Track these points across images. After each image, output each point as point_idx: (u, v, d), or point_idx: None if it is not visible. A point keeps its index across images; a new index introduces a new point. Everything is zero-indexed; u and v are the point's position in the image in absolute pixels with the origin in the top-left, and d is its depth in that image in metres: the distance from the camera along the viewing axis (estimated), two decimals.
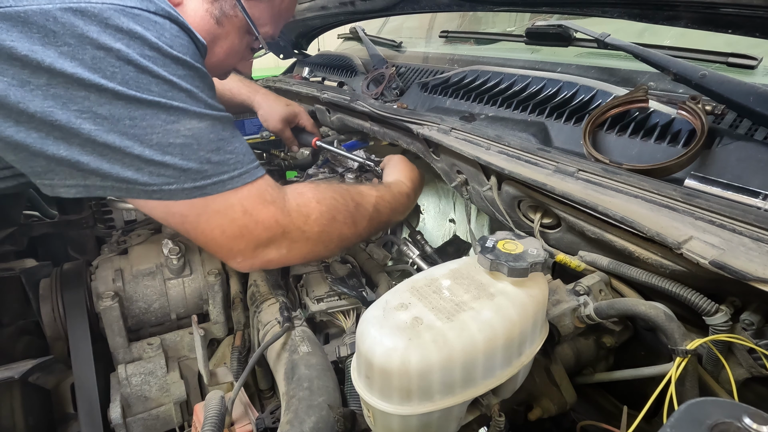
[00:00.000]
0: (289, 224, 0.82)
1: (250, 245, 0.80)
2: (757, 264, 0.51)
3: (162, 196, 0.71)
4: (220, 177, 0.74)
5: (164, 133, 0.68)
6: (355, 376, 0.56)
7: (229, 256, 0.83)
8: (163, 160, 0.68)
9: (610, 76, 0.99)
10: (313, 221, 0.84)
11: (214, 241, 0.80)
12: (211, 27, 0.84)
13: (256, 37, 0.91)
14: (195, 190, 0.72)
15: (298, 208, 0.84)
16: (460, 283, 0.57)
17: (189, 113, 0.71)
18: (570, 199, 0.69)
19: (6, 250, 1.45)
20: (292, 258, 0.87)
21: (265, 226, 0.80)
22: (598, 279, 0.73)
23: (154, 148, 0.67)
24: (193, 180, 0.71)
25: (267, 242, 0.81)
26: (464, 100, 1.19)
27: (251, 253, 0.82)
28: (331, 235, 0.87)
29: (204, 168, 0.72)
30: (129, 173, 0.67)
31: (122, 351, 1.19)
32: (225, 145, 0.75)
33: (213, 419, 0.76)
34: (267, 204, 0.79)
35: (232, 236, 0.79)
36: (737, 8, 0.68)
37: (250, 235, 0.79)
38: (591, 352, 0.76)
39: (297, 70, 2.20)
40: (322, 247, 0.88)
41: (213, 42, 0.86)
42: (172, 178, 0.70)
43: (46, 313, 1.18)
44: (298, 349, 0.90)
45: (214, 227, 0.77)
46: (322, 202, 0.87)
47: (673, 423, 0.35)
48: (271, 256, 0.84)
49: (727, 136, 0.72)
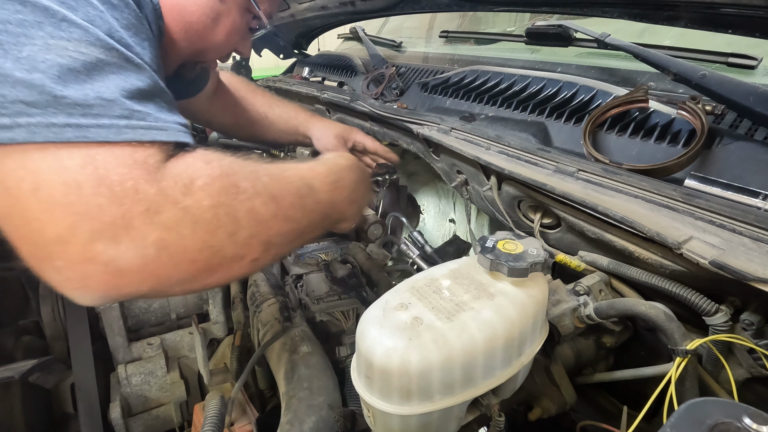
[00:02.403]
0: (159, 196, 0.50)
1: (80, 228, 0.47)
2: (757, 264, 0.51)
3: (16, 135, 0.46)
4: (114, 121, 0.50)
5: (43, 48, 0.48)
6: (355, 376, 0.56)
7: (40, 247, 0.49)
8: (28, 77, 0.46)
9: (610, 76, 0.99)
10: (200, 189, 0.53)
11: (18, 212, 0.48)
12: (214, 4, 0.83)
13: (255, 15, 0.91)
14: (68, 129, 0.47)
15: (177, 172, 0.53)
16: (460, 283, 0.57)
17: (89, 35, 0.51)
18: (570, 199, 0.69)
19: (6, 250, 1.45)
20: (169, 266, 0.51)
21: (112, 195, 0.48)
22: (598, 279, 0.73)
23: (20, 61, 0.46)
24: (68, 114, 0.48)
25: (113, 230, 0.48)
26: (464, 100, 1.19)
27: (81, 249, 0.47)
28: (235, 213, 0.55)
29: (89, 102, 0.49)
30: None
31: (122, 351, 1.19)
32: (133, 92, 0.53)
33: (213, 419, 0.76)
34: (130, 163, 0.50)
35: (47, 202, 0.47)
36: (737, 8, 0.68)
37: (81, 204, 0.47)
38: (591, 352, 0.76)
39: (297, 70, 2.20)
40: (224, 236, 0.54)
41: (216, 19, 0.85)
42: (35, 108, 0.47)
43: (46, 313, 1.18)
44: (298, 349, 0.90)
45: (26, 181, 0.47)
46: (213, 163, 0.56)
47: (673, 423, 0.35)
48: (125, 258, 0.48)
49: (727, 136, 0.72)
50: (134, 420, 1.13)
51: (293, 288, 1.17)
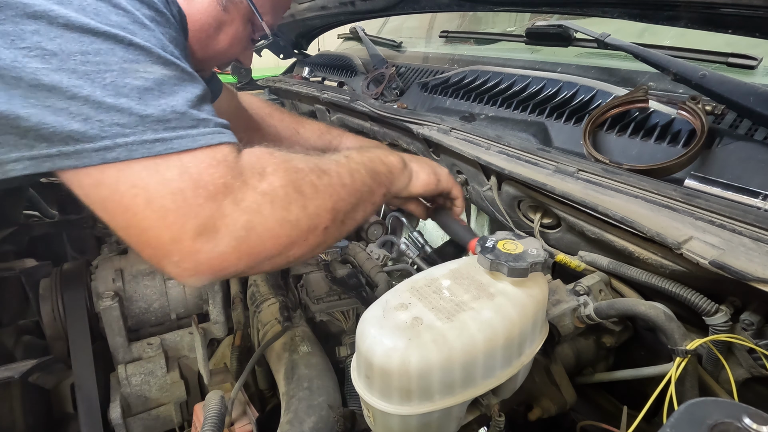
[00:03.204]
0: (242, 186, 0.60)
1: (188, 227, 0.57)
2: (757, 264, 0.51)
3: (119, 154, 0.56)
4: (189, 131, 0.59)
5: (120, 72, 0.56)
6: (355, 376, 0.56)
7: (159, 249, 0.59)
8: (117, 103, 0.55)
9: (610, 76, 0.99)
10: (270, 173, 0.63)
11: (136, 223, 0.58)
12: (218, 13, 0.84)
13: (257, 26, 0.92)
14: (157, 144, 0.57)
15: (250, 162, 0.64)
16: (460, 283, 0.57)
17: (152, 54, 0.59)
18: (570, 199, 0.69)
19: (6, 250, 1.45)
20: (257, 243, 0.62)
21: (208, 193, 0.58)
22: (598, 279, 0.74)
23: (107, 88, 0.55)
24: (154, 130, 0.57)
25: (212, 221, 0.58)
26: (464, 100, 1.19)
27: (191, 244, 0.58)
28: (301, 188, 0.65)
29: (168, 117, 0.58)
30: (76, 125, 0.54)
31: (122, 351, 1.19)
32: (194, 100, 0.62)
33: (213, 419, 0.76)
34: (215, 164, 0.60)
35: (161, 211, 0.57)
36: (737, 8, 0.68)
37: (186, 207, 0.57)
38: (591, 352, 0.76)
39: (297, 70, 2.20)
40: (297, 209, 0.64)
41: (219, 28, 0.86)
42: (128, 128, 0.56)
43: (46, 313, 1.18)
44: (298, 349, 0.90)
45: (140, 197, 0.57)
46: (274, 153, 0.67)
47: (673, 423, 0.35)
48: (223, 243, 0.59)
49: (727, 136, 0.72)
50: (134, 420, 1.13)
51: (293, 288, 1.17)
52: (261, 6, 0.88)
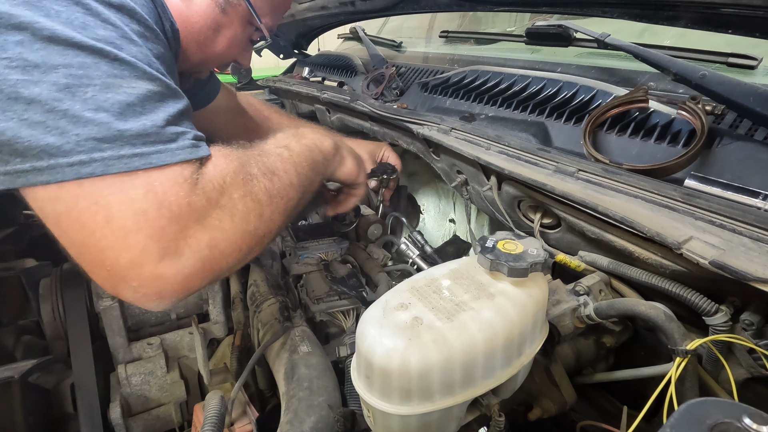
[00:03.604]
0: (206, 204, 0.59)
1: (150, 250, 0.55)
2: (757, 264, 0.51)
3: (95, 169, 0.53)
4: (167, 146, 0.57)
5: (103, 87, 0.54)
6: (355, 376, 0.56)
7: (116, 272, 0.56)
8: (95, 117, 0.53)
9: (610, 76, 0.99)
10: (230, 185, 0.62)
11: (93, 242, 0.55)
12: (216, 15, 0.84)
13: (256, 27, 0.92)
14: (135, 158, 0.55)
15: (211, 177, 0.61)
16: (460, 283, 0.57)
17: (137, 70, 0.58)
18: (570, 199, 0.69)
19: (6, 250, 1.45)
20: (220, 259, 0.61)
21: (171, 214, 0.56)
22: (598, 279, 0.73)
23: (87, 102, 0.53)
24: (132, 145, 0.55)
25: (176, 244, 0.57)
26: (464, 100, 1.19)
27: (153, 269, 0.55)
28: (256, 196, 0.65)
29: (147, 131, 0.56)
30: (51, 139, 0.52)
31: (122, 351, 1.19)
32: (175, 117, 0.60)
33: (213, 419, 0.76)
34: (180, 182, 0.58)
35: (120, 231, 0.54)
36: (737, 8, 0.68)
37: (148, 228, 0.55)
38: (591, 352, 0.76)
39: (297, 70, 2.20)
40: (254, 218, 0.64)
41: (217, 30, 0.86)
42: (105, 143, 0.54)
43: (46, 313, 1.18)
44: (298, 349, 0.90)
45: (99, 215, 0.54)
46: (230, 157, 0.66)
47: (673, 423, 0.35)
48: (188, 266, 0.57)
49: (727, 136, 0.72)
50: (134, 420, 1.13)
51: (293, 288, 1.17)
52: (260, 8, 0.88)
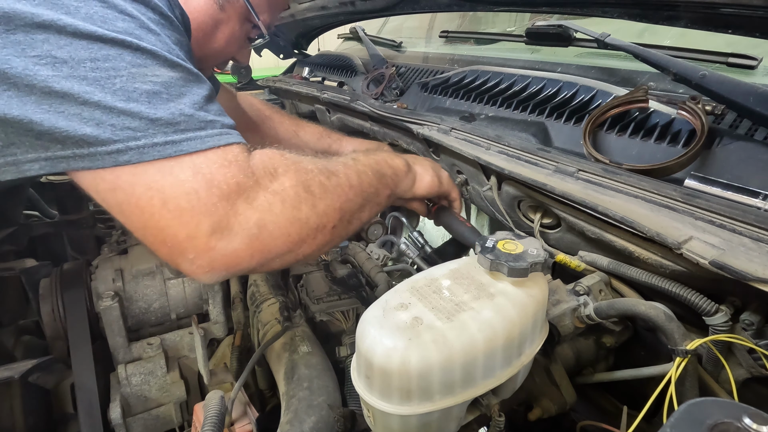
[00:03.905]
0: (254, 185, 0.63)
1: (203, 225, 0.59)
2: (757, 264, 0.51)
3: (131, 157, 0.58)
4: (197, 133, 0.61)
5: (129, 77, 0.58)
6: (355, 376, 0.56)
7: (175, 247, 0.61)
8: (127, 107, 0.57)
9: (610, 76, 0.99)
10: (281, 174, 0.66)
11: (153, 223, 0.60)
12: (214, 11, 0.85)
13: (254, 25, 0.92)
14: (168, 146, 0.59)
15: (262, 163, 0.66)
16: (460, 283, 0.57)
17: (159, 58, 0.61)
18: (570, 199, 0.69)
19: (6, 250, 1.45)
20: (269, 240, 0.64)
21: (222, 192, 0.60)
22: (598, 279, 0.73)
23: (117, 93, 0.57)
24: (164, 133, 0.59)
25: (227, 219, 0.61)
26: (464, 100, 1.19)
27: (206, 241, 0.60)
28: (310, 188, 0.68)
29: (177, 119, 0.60)
30: (88, 129, 0.56)
31: (122, 351, 1.19)
32: (201, 102, 0.63)
33: (213, 419, 0.76)
34: (227, 164, 0.62)
35: (176, 211, 0.59)
36: (737, 8, 0.68)
37: (201, 206, 0.59)
38: (591, 352, 0.76)
39: (297, 70, 2.20)
40: (307, 208, 0.66)
41: (215, 27, 0.87)
42: (139, 131, 0.58)
43: (46, 313, 1.18)
44: (298, 349, 0.90)
45: (155, 199, 0.59)
46: (285, 154, 0.70)
47: (673, 423, 0.35)
48: (237, 241, 0.61)
49: (727, 136, 0.72)
50: (134, 420, 1.13)
51: (293, 288, 1.17)
52: (257, 5, 0.89)
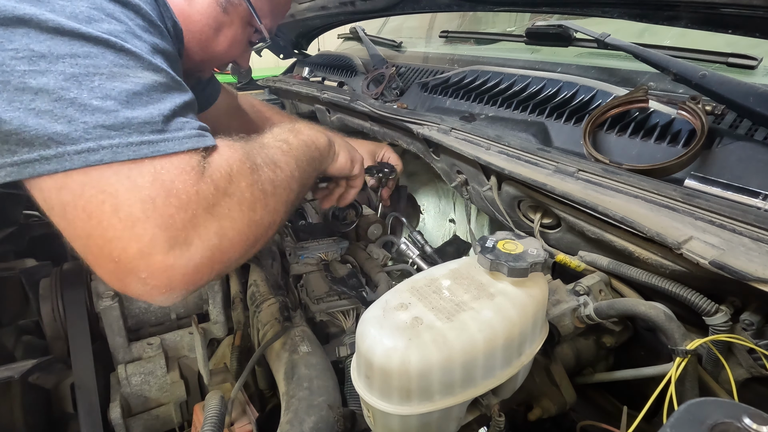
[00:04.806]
0: (215, 192, 0.58)
1: (158, 239, 0.53)
2: (757, 264, 0.51)
3: (103, 156, 0.53)
4: (175, 134, 0.57)
5: (109, 76, 0.55)
6: (355, 376, 0.56)
7: (123, 263, 0.54)
8: (103, 105, 0.53)
9: (610, 76, 0.99)
10: (237, 174, 0.61)
11: (100, 232, 0.53)
12: (217, 14, 0.85)
13: (256, 29, 0.93)
14: (144, 146, 0.54)
15: (219, 166, 0.61)
16: (460, 283, 0.57)
17: (143, 61, 0.58)
18: (570, 199, 0.69)
19: (6, 250, 1.45)
20: (229, 248, 0.60)
21: (180, 202, 0.55)
22: (598, 279, 0.74)
23: (94, 91, 0.54)
24: (140, 132, 0.55)
25: (185, 233, 0.55)
26: (464, 100, 1.19)
27: (162, 258, 0.54)
28: (262, 186, 0.65)
29: (154, 119, 0.56)
30: (59, 127, 0.52)
31: (122, 351, 1.19)
32: (181, 107, 0.61)
33: (213, 419, 0.76)
34: (188, 170, 0.57)
35: (128, 220, 0.53)
36: (737, 8, 0.68)
37: (157, 217, 0.53)
38: (591, 352, 0.76)
39: (297, 70, 2.20)
40: (260, 208, 0.64)
41: (218, 30, 0.87)
42: (113, 130, 0.53)
43: (46, 313, 1.18)
44: (298, 349, 0.90)
45: (107, 204, 0.53)
46: (234, 146, 0.65)
47: (673, 423, 0.35)
48: (198, 255, 0.56)
49: (727, 136, 0.72)
50: (134, 420, 1.13)
51: (293, 288, 1.17)
52: (260, 9, 0.89)
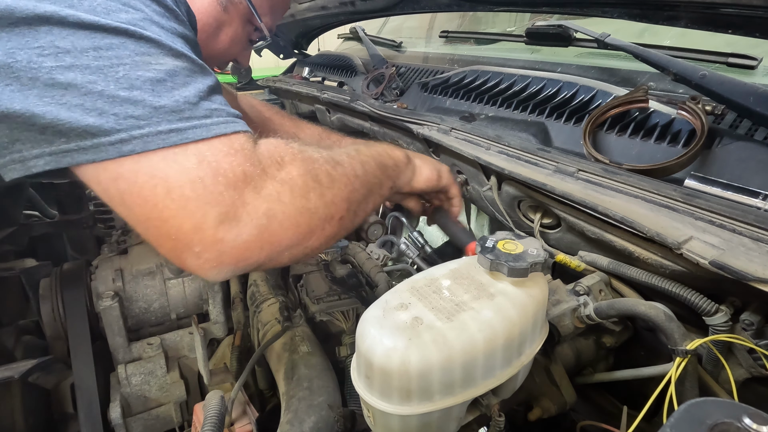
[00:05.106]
0: (262, 174, 0.60)
1: (209, 215, 0.56)
2: (757, 264, 0.51)
3: (135, 146, 0.55)
4: (202, 121, 0.59)
5: (132, 65, 0.57)
6: (355, 376, 0.56)
7: (180, 240, 0.57)
8: (130, 95, 0.56)
9: (610, 76, 0.99)
10: (288, 163, 0.64)
11: (156, 214, 0.57)
12: (218, 13, 0.86)
13: (256, 27, 0.93)
14: (172, 134, 0.57)
15: (268, 151, 0.63)
16: (460, 283, 0.57)
17: (163, 47, 0.59)
18: (570, 199, 0.69)
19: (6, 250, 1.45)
20: (279, 231, 0.61)
21: (228, 181, 0.57)
22: (598, 279, 0.73)
23: (120, 82, 0.56)
24: (168, 121, 0.57)
25: (234, 209, 0.58)
26: (464, 100, 1.19)
27: (213, 233, 0.57)
28: (318, 177, 0.66)
29: (181, 107, 0.58)
30: (91, 120, 0.54)
31: (122, 351, 1.19)
32: (206, 91, 0.62)
33: (213, 419, 0.76)
34: (233, 152, 0.60)
35: (181, 200, 0.56)
36: (737, 8, 0.68)
37: (207, 195, 0.56)
38: (591, 352, 0.76)
39: (297, 70, 2.20)
40: (315, 198, 0.65)
41: (219, 28, 0.88)
42: (142, 119, 0.56)
43: (46, 313, 1.18)
44: (298, 349, 0.90)
45: (159, 187, 0.56)
46: (290, 143, 0.68)
47: (673, 423, 0.35)
48: (246, 232, 0.58)
49: (727, 136, 0.72)
50: (134, 420, 1.13)
51: (293, 288, 1.17)
52: (260, 7, 0.90)
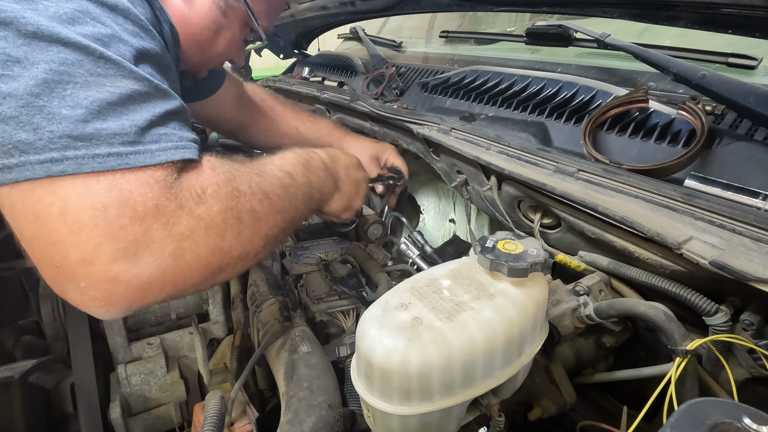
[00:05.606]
0: (177, 209, 0.54)
1: (103, 249, 0.50)
2: (757, 264, 0.51)
3: (67, 167, 0.50)
4: (148, 146, 0.54)
5: (84, 84, 0.52)
6: (355, 376, 0.56)
7: (63, 269, 0.51)
8: (72, 114, 0.50)
9: (610, 76, 0.99)
10: (210, 197, 0.58)
11: (44, 235, 0.50)
12: (217, 17, 0.86)
13: (253, 29, 0.93)
14: (111, 158, 0.51)
15: (190, 185, 0.57)
16: (460, 283, 0.57)
17: (123, 69, 0.55)
18: (570, 199, 0.69)
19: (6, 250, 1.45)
20: (185, 271, 0.55)
21: (135, 214, 0.51)
22: (598, 279, 0.73)
23: (65, 99, 0.50)
24: (109, 144, 0.51)
25: (135, 246, 0.51)
26: (464, 100, 1.19)
27: (105, 269, 0.50)
28: (239, 215, 0.60)
29: (126, 130, 0.53)
30: (23, 135, 0.49)
31: (122, 351, 1.19)
32: (160, 117, 0.57)
33: (213, 419, 0.76)
34: (152, 183, 0.54)
35: (74, 225, 0.50)
36: (737, 8, 0.68)
37: (107, 226, 0.50)
38: (591, 352, 0.76)
39: (297, 70, 2.20)
40: (232, 237, 0.59)
41: (217, 32, 0.88)
42: (80, 140, 0.50)
43: (46, 312, 1.18)
44: (298, 349, 0.90)
45: (54, 206, 0.50)
46: (217, 170, 0.61)
47: (673, 423, 0.35)
48: (146, 273, 0.52)
49: (727, 136, 0.72)
50: (134, 420, 1.13)
51: (293, 288, 1.17)
52: (257, 11, 0.90)
